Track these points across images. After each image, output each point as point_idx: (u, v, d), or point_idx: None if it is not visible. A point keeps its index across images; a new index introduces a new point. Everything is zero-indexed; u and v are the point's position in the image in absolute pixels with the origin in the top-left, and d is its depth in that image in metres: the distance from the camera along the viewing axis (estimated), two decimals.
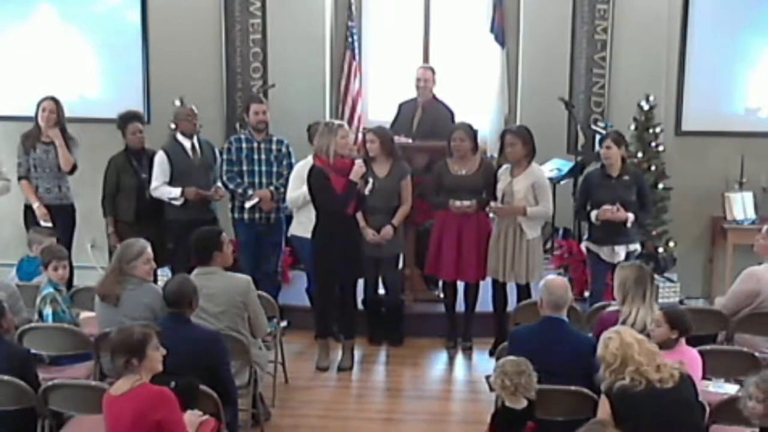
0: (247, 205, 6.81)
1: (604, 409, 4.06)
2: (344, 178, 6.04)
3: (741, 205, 7.96)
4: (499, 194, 6.42)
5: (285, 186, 6.80)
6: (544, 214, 6.49)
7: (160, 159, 6.80)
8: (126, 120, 6.95)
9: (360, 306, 6.89)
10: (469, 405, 5.88)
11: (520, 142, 6.35)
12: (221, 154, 7.01)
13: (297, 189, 6.64)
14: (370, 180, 6.22)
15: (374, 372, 6.53)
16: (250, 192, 6.80)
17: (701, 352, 4.64)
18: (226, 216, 7.25)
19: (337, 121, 6.30)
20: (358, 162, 6.08)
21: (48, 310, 5.31)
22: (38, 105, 6.92)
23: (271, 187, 6.84)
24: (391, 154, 6.60)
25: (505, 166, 6.50)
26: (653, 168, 7.74)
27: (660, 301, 6.79)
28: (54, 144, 6.89)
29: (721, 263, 8.08)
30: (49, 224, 6.74)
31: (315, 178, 6.13)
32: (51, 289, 5.39)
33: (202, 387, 4.30)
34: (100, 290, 5.10)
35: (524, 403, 4.22)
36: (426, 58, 8.36)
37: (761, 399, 3.81)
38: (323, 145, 6.07)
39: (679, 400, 3.98)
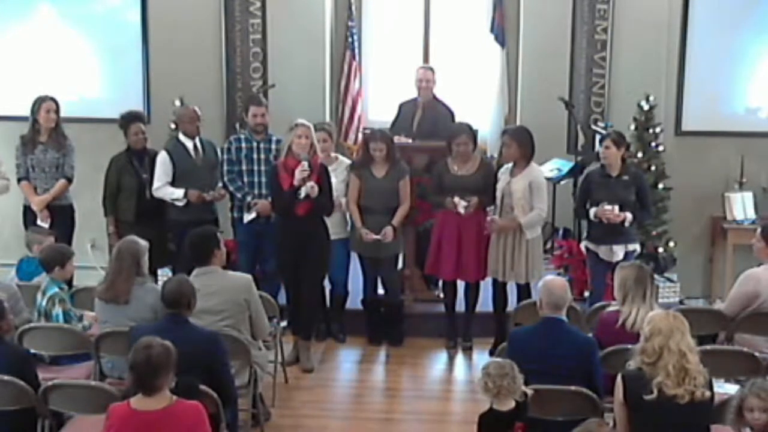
0: (246, 219, 6.79)
1: (618, 392, 4.11)
2: (291, 177, 6.06)
3: (741, 205, 7.96)
4: (498, 194, 6.42)
5: None
6: (538, 219, 6.40)
7: (162, 159, 6.79)
8: (128, 120, 6.95)
9: (359, 306, 6.93)
10: (469, 405, 5.86)
11: (515, 144, 6.35)
12: (222, 154, 7.01)
13: None
14: (310, 184, 6.06)
15: (374, 372, 6.53)
16: (249, 199, 6.76)
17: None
18: (226, 216, 7.26)
19: (300, 120, 6.22)
20: (302, 164, 6.06)
21: (58, 310, 5.31)
22: (37, 104, 6.91)
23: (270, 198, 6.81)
24: (392, 157, 6.60)
25: (506, 166, 6.50)
26: (653, 168, 7.74)
27: (660, 301, 6.79)
28: (51, 144, 6.90)
29: (721, 263, 8.08)
30: (46, 225, 6.75)
31: (269, 176, 6.30)
32: (56, 289, 5.38)
33: (202, 387, 4.30)
34: (110, 294, 5.08)
35: (511, 405, 4.20)
36: (426, 58, 8.37)
37: (765, 408, 3.80)
38: (283, 144, 6.25)
39: (688, 416, 4.00)
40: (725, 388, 4.71)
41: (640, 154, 7.73)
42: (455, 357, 6.75)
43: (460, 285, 6.75)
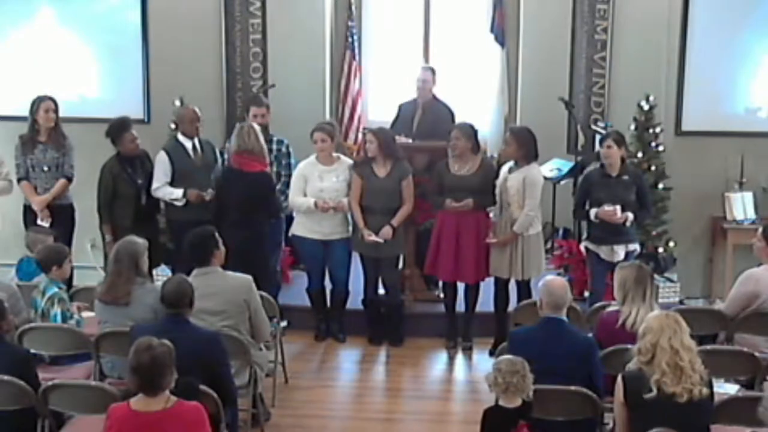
0: None
1: (618, 392, 4.11)
2: None
3: (741, 205, 7.96)
4: (497, 192, 6.43)
5: (286, 187, 6.80)
6: (528, 220, 6.33)
7: (161, 159, 6.77)
8: (120, 129, 6.76)
9: (360, 306, 6.92)
10: (469, 405, 5.88)
11: (515, 144, 6.36)
12: (222, 154, 7.00)
13: (299, 192, 6.64)
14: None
15: (374, 372, 6.53)
16: None
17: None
18: None
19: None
20: None
21: (56, 310, 5.30)
22: (36, 104, 6.89)
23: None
24: (391, 154, 6.59)
25: (509, 164, 6.50)
26: (653, 168, 7.74)
27: (660, 301, 6.79)
28: (50, 144, 6.90)
29: (721, 263, 8.08)
30: (46, 224, 6.74)
31: (270, 184, 6.28)
32: (56, 289, 5.37)
33: (202, 387, 4.30)
34: (110, 296, 5.07)
35: (518, 403, 4.20)
36: (426, 58, 8.37)
37: None
38: (264, 148, 6.27)
39: (688, 416, 3.99)
40: (725, 388, 4.72)
41: (640, 154, 7.73)
42: (455, 357, 6.75)
43: (460, 285, 6.75)
